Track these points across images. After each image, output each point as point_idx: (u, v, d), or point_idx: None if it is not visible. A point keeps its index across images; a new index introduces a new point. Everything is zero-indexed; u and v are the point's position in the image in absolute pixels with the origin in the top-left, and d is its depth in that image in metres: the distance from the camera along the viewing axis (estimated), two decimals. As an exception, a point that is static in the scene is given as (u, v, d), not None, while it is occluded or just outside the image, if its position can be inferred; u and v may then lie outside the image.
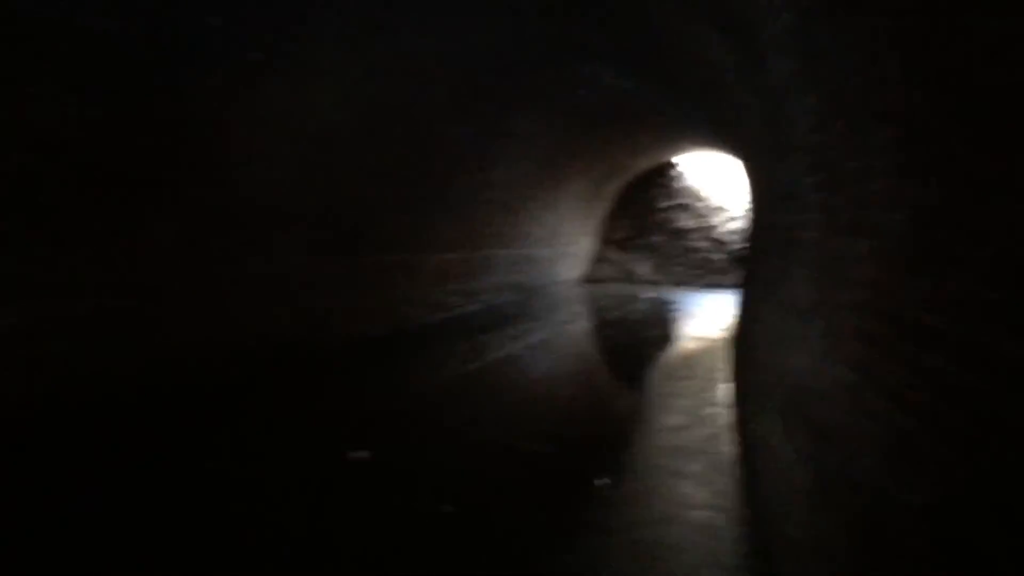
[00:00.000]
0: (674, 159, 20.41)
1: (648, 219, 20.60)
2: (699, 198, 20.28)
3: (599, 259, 20.75)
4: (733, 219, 19.71)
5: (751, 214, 10.95)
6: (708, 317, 13.29)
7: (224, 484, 4.66)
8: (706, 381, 7.75)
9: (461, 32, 7.71)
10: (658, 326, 12.32)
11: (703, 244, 19.92)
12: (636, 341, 10.89)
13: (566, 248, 18.13)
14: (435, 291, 11.55)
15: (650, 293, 17.41)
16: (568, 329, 11.76)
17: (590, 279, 20.27)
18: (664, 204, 20.53)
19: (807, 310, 3.04)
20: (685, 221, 20.24)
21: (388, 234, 10.00)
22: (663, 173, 20.64)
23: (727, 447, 5.43)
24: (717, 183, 20.06)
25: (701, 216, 20.15)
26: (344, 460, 5.09)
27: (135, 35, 5.32)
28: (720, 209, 19.97)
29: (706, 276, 19.62)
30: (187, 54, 5.83)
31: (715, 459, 5.17)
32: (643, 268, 20.35)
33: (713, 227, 19.92)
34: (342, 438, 5.58)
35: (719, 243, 19.73)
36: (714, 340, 10.56)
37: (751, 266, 8.07)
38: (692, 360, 9.06)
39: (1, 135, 4.89)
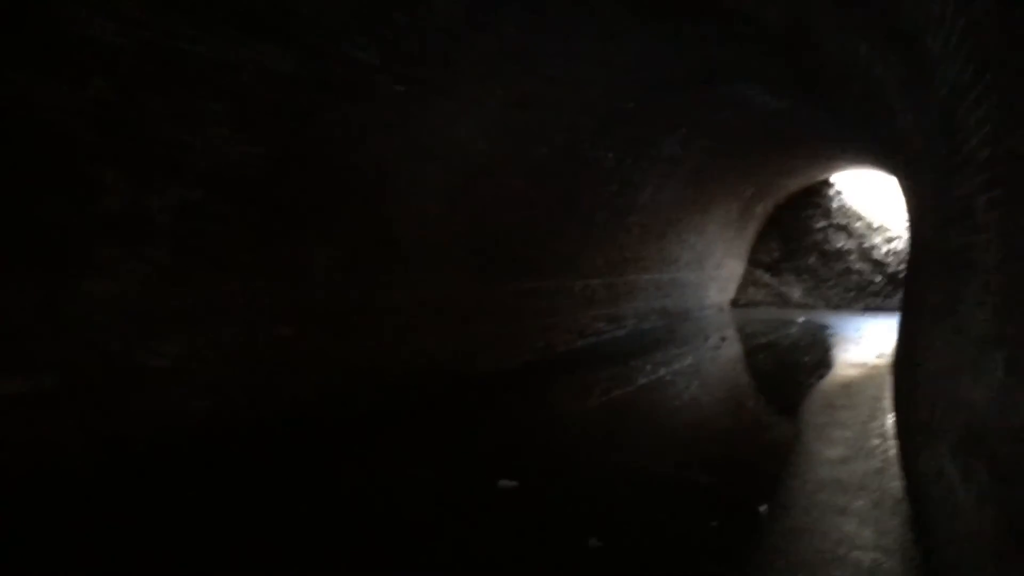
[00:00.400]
0: (830, 178, 19.60)
1: (801, 240, 19.82)
2: (857, 217, 19.35)
3: (749, 282, 20.11)
4: (894, 239, 18.69)
5: (911, 235, 10.33)
6: (866, 342, 12.60)
7: (378, 508, 4.77)
8: (867, 411, 7.32)
9: (604, 57, 7.69)
10: (812, 351, 11.79)
11: (861, 266, 18.96)
12: (790, 367, 10.46)
13: (714, 271, 17.71)
14: (580, 317, 11.51)
15: (803, 317, 16.71)
16: (718, 354, 11.46)
17: (740, 303, 19.65)
18: (819, 224, 19.71)
19: (986, 340, 2.79)
20: (842, 242, 19.35)
21: (534, 260, 10.07)
22: (818, 192, 19.84)
23: (893, 483, 5.08)
24: (876, 202, 19.09)
25: (859, 236, 19.21)
26: (493, 489, 5.10)
27: (293, 73, 5.62)
28: (880, 229, 18.98)
29: (863, 299, 18.63)
30: (340, 88, 6.09)
31: (880, 496, 4.85)
32: (796, 291, 19.56)
33: (872, 248, 18.94)
34: (491, 466, 5.60)
35: (878, 265, 18.73)
36: (874, 367, 9.99)
37: (912, 290, 7.59)
38: (851, 388, 8.59)
39: (174, 171, 5.26)
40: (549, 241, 10.35)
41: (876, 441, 6.16)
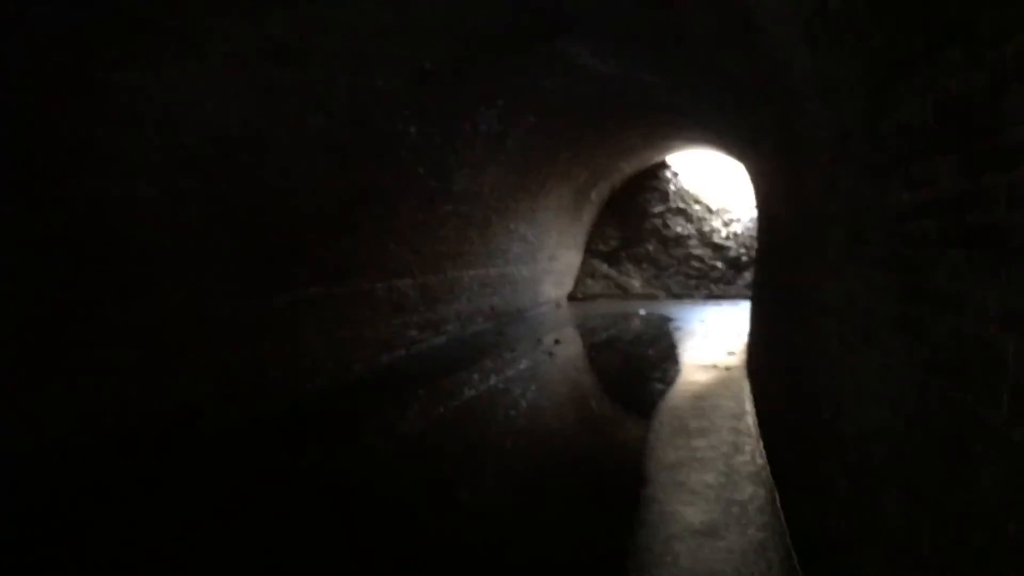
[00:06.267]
0: (666, 159, 18.65)
1: (640, 226, 18.72)
2: (695, 200, 18.47)
3: (587, 274, 18.77)
4: (733, 221, 17.89)
5: (760, 216, 9.00)
6: (714, 336, 11.34)
7: None
8: (728, 437, 5.76)
9: (406, 6, 5.86)
10: (657, 351, 10.38)
11: (701, 251, 18.04)
12: (632, 373, 8.97)
13: (549, 264, 16.20)
14: (388, 326, 9.51)
15: (646, 309, 15.48)
16: (551, 364, 9.76)
17: (578, 297, 18.27)
18: (657, 209, 18.67)
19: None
20: (681, 226, 18.37)
21: (325, 261, 7.96)
22: (655, 175, 18.87)
23: None
24: (714, 183, 18.39)
25: (698, 220, 18.30)
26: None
27: None
28: (719, 211, 18.18)
29: (705, 286, 17.71)
30: None
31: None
32: (636, 281, 18.38)
33: (712, 231, 18.06)
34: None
35: (719, 249, 17.87)
36: (726, 368, 8.62)
37: (770, 280, 6.14)
38: (704, 401, 7.06)
39: None
40: (345, 236, 8.29)
41: (748, 489, 4.53)
